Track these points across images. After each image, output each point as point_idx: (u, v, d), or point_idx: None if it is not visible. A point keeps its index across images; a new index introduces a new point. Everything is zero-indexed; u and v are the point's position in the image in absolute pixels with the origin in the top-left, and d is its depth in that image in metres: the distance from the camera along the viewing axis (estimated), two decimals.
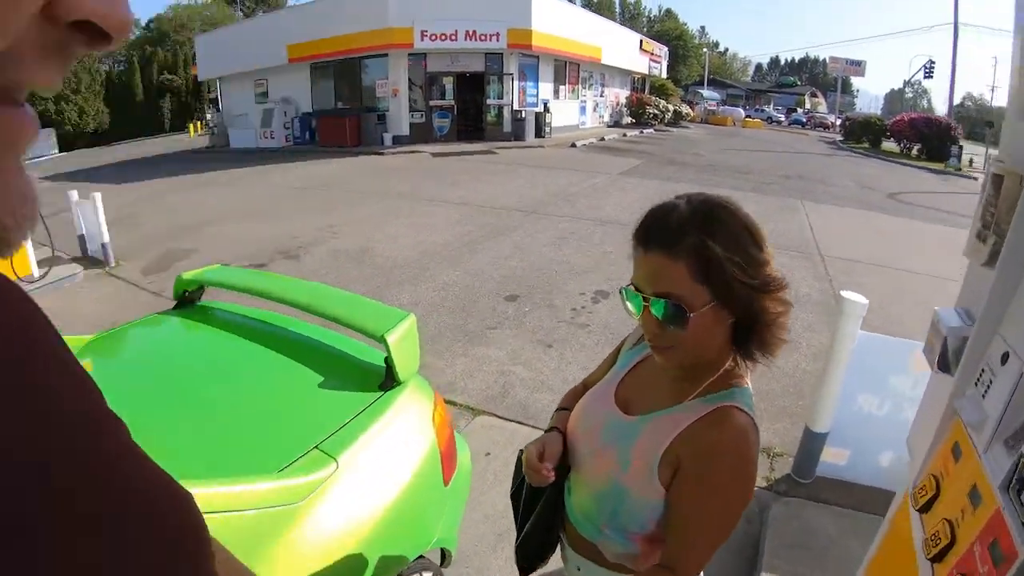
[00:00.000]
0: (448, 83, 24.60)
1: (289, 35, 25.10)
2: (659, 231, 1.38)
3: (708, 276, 1.33)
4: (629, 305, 1.46)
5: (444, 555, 2.76)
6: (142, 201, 13.76)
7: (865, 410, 4.00)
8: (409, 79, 23.97)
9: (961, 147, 29.58)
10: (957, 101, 53.15)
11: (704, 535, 1.43)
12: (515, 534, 1.86)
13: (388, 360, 2.47)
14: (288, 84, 26.46)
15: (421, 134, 23.94)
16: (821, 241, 11.06)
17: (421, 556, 2.45)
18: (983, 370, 2.10)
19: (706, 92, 64.62)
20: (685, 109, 43.52)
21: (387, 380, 2.49)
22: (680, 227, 1.34)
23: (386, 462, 2.27)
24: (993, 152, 2.13)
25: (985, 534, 1.80)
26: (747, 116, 56.38)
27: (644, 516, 1.51)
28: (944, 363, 2.29)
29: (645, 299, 1.40)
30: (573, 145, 24.49)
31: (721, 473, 1.40)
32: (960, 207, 15.42)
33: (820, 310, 7.53)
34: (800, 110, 75.15)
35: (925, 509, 2.21)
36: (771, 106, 79.42)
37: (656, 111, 38.25)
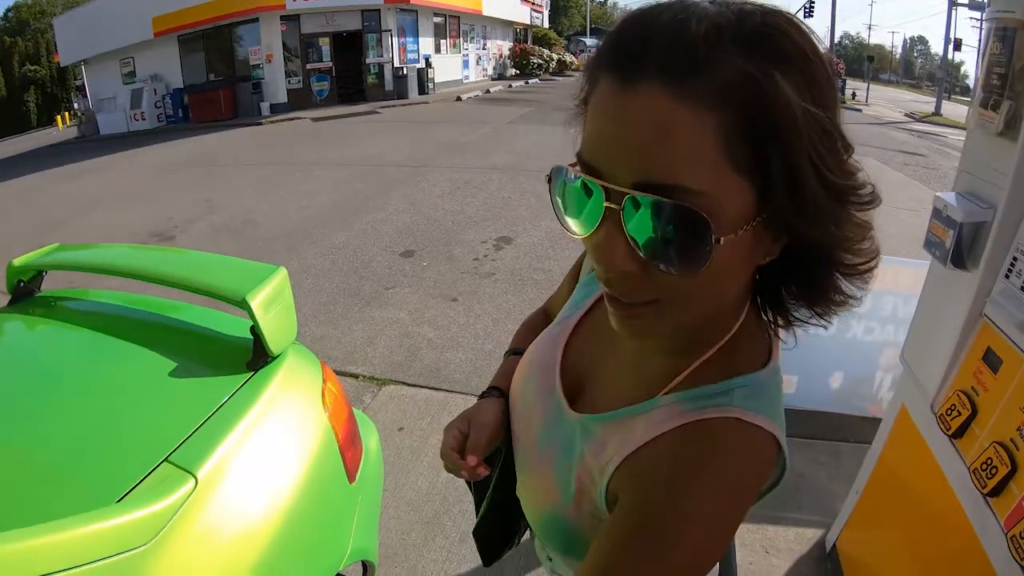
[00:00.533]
0: (325, 45, 24.02)
1: (153, 6, 23.72)
2: (668, 47, 0.63)
3: (759, 155, 0.63)
4: (569, 222, 0.75)
5: (366, 567, 2.31)
6: (3, 203, 12.78)
7: (810, 331, 3.68)
8: (284, 44, 23.29)
9: (845, 80, 30.72)
10: (836, 40, 55.62)
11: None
12: (451, 518, 1.42)
13: (255, 329, 1.95)
14: (156, 60, 25.27)
15: (300, 100, 23.33)
16: None
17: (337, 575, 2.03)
18: (1015, 259, 1.75)
19: (589, 40, 64.93)
20: (569, 58, 43.77)
21: (256, 356, 1.99)
22: (715, 40, 0.62)
23: (265, 468, 1.80)
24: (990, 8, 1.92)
25: None
26: None
27: None
28: (959, 256, 1.91)
29: (613, 199, 0.67)
30: (458, 99, 24.39)
31: (680, 539, 0.72)
32: (855, 135, 15.87)
33: None
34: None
35: (959, 434, 1.85)
36: None
37: (540, 61, 38.39)
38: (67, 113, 35.65)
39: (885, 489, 2.52)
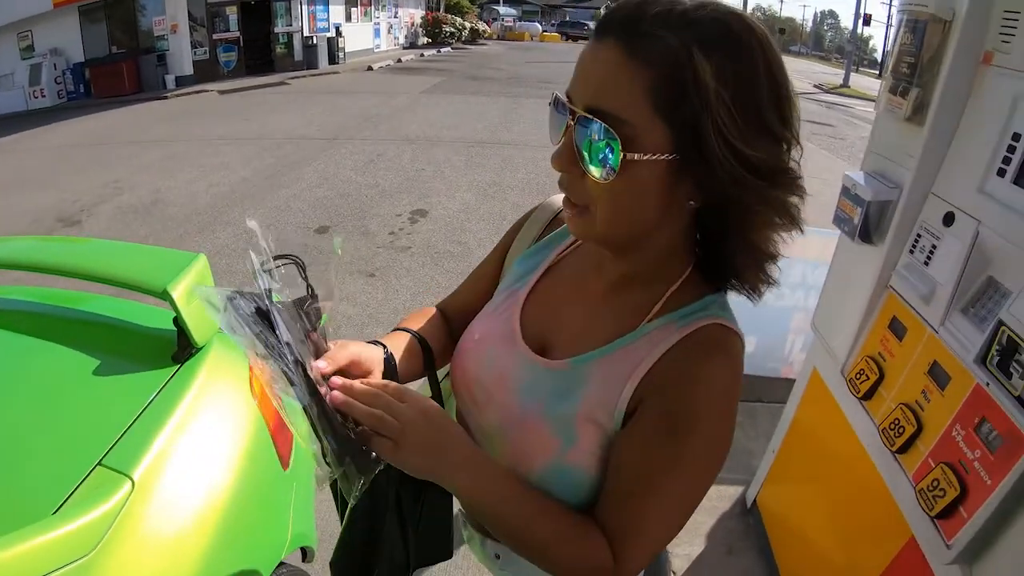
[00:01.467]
0: (232, 14, 22.96)
1: None
2: (626, 16, 0.85)
3: (676, 109, 0.83)
4: (552, 124, 0.97)
5: (305, 552, 2.28)
6: None
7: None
8: (189, 13, 22.08)
9: None
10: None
11: (668, 502, 0.96)
12: None
13: (179, 320, 1.86)
14: (56, 33, 23.58)
15: (206, 72, 22.22)
16: None
17: (281, 564, 1.99)
18: (919, 236, 1.89)
19: (502, 9, 64.23)
20: (482, 26, 43.51)
21: (181, 348, 1.91)
22: (662, 20, 0.83)
23: (200, 462, 1.74)
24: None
25: (965, 415, 1.58)
26: (544, 31, 56.74)
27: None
28: (867, 232, 2.05)
29: (572, 114, 0.89)
30: (370, 68, 23.90)
31: (704, 415, 0.93)
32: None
33: None
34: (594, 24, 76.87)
35: (868, 396, 2.00)
36: (567, 20, 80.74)
37: (453, 29, 37.84)
38: None
39: (800, 447, 2.65)
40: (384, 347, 1.13)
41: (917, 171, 1.89)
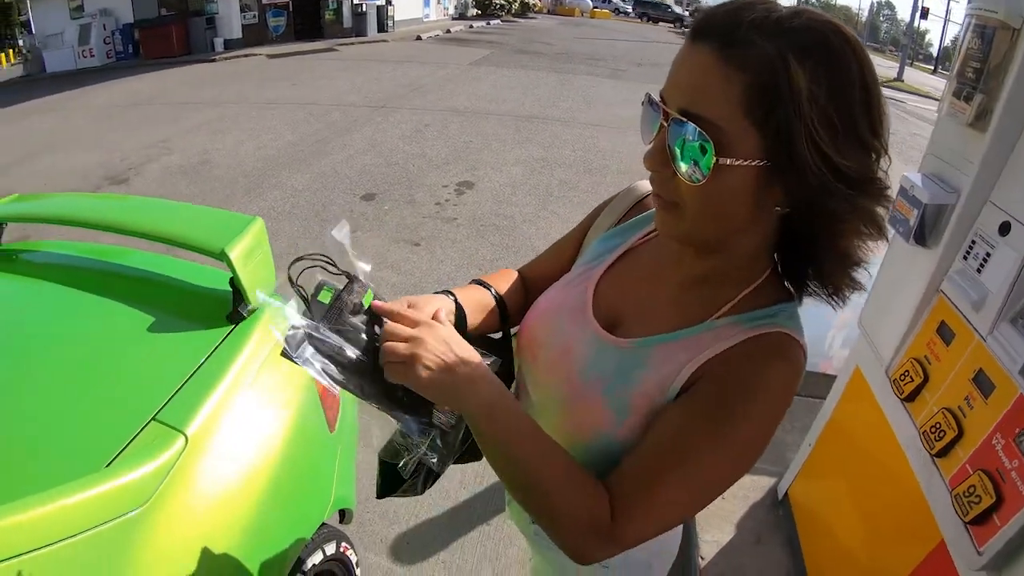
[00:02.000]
0: None
1: None
2: (723, 22, 0.86)
3: (768, 115, 0.83)
4: (644, 123, 0.97)
5: (343, 514, 2.30)
6: None
7: None
8: None
9: None
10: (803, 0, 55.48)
11: (687, 481, 0.95)
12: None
13: (235, 281, 1.91)
14: None
15: (255, 36, 22.36)
16: None
17: (322, 525, 2.02)
18: (973, 242, 1.85)
19: None
20: (532, 0, 42.84)
21: (236, 308, 1.94)
22: (758, 27, 0.84)
23: (252, 421, 1.76)
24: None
25: (1007, 424, 1.58)
26: (595, 7, 56.10)
27: None
28: (921, 234, 2.01)
29: (665, 115, 0.90)
30: (419, 38, 23.82)
31: (752, 411, 0.94)
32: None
33: None
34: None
35: (911, 398, 1.98)
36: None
37: (503, 2, 37.67)
38: (11, 51, 33.94)
39: (836, 443, 2.63)
40: (452, 295, 1.20)
41: (976, 178, 1.86)
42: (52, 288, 2.08)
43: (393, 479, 1.24)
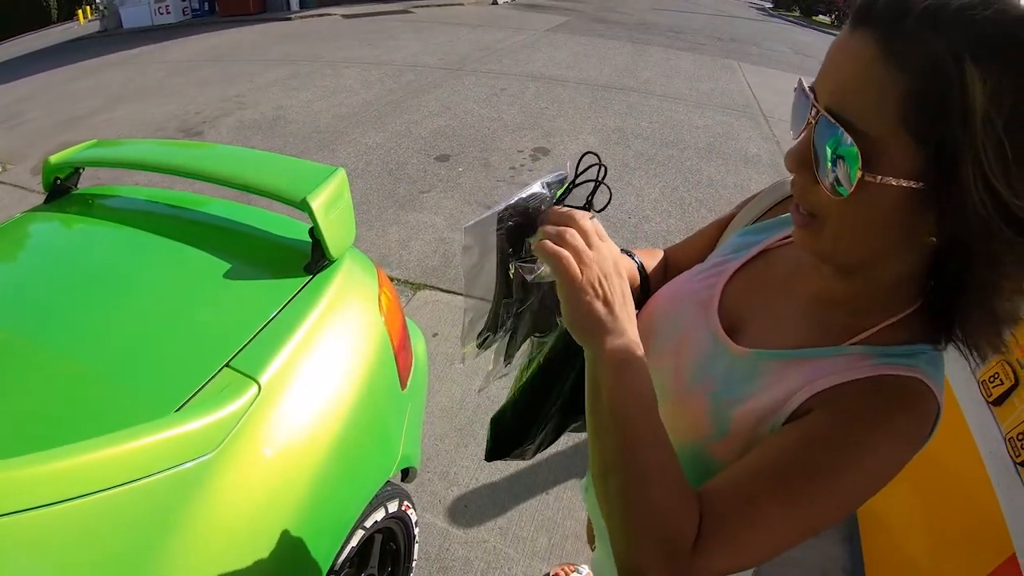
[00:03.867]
0: None
1: None
2: (891, 6, 0.71)
3: (931, 128, 0.69)
4: (794, 113, 0.86)
5: (406, 473, 2.31)
6: (25, 99, 12.16)
7: None
8: None
9: None
10: None
11: (787, 513, 0.81)
12: (483, 426, 1.33)
13: (315, 232, 1.89)
14: None
15: None
16: (763, 102, 10.66)
17: (386, 482, 2.03)
18: None
19: None
20: None
21: (314, 259, 1.93)
22: (932, 16, 0.68)
23: (325, 372, 1.75)
24: None
25: None
26: None
27: None
28: None
29: (813, 109, 0.78)
30: (495, 2, 23.53)
31: (870, 456, 0.81)
32: None
33: (772, 172, 7.17)
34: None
35: (999, 401, 1.93)
36: None
37: None
38: (88, 7, 34.64)
39: None
40: (634, 256, 1.22)
41: None
42: (129, 232, 2.09)
43: (504, 442, 1.27)
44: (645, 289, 1.24)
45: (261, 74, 11.33)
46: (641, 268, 1.22)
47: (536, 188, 0.95)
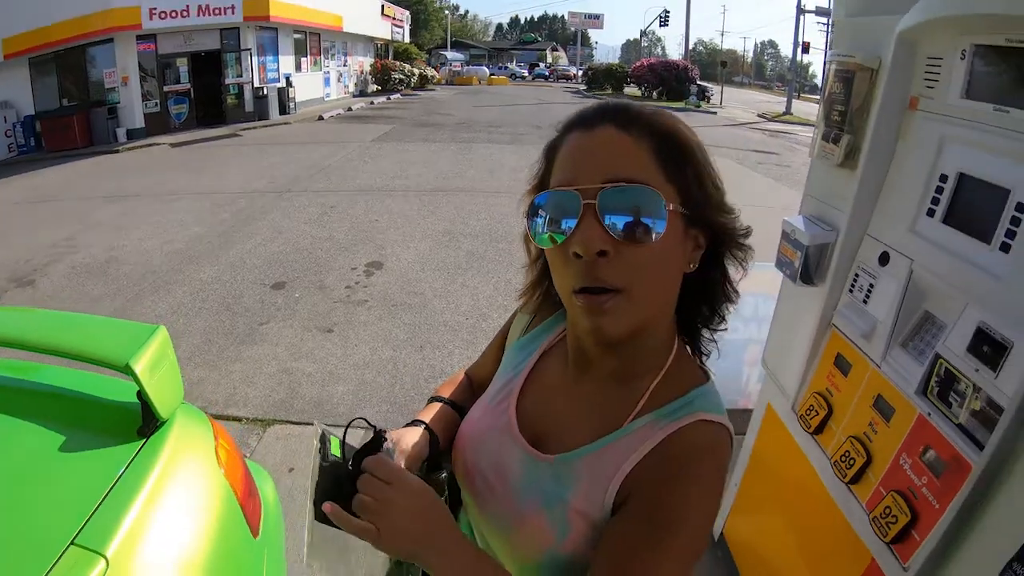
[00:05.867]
0: (183, 65, 22.81)
1: (2, 28, 21.49)
2: (614, 109, 0.99)
3: (678, 167, 0.95)
4: (538, 230, 0.98)
5: None
6: None
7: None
8: (140, 65, 21.87)
9: (700, 86, 32.42)
10: (690, 47, 57.80)
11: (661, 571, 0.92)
12: (356, 557, 1.16)
13: (142, 395, 1.84)
14: (7, 85, 22.92)
15: (158, 124, 21.99)
16: None
17: None
18: (857, 275, 1.98)
19: (450, 54, 64.84)
20: (431, 72, 43.99)
21: (146, 422, 1.88)
22: (640, 110, 0.99)
23: (172, 535, 1.69)
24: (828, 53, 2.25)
25: (911, 444, 1.67)
26: (492, 74, 57.71)
27: None
28: (807, 274, 2.13)
29: (589, 194, 0.91)
30: (320, 118, 23.95)
31: (688, 515, 0.92)
32: (712, 137, 16.69)
33: None
34: (542, 64, 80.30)
35: (819, 430, 2.07)
36: (514, 63, 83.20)
37: (402, 76, 38.01)
38: None
39: (761, 479, 2.71)
40: (425, 424, 1.25)
41: (852, 214, 1.98)
42: None
43: None
44: (437, 443, 1.26)
45: (91, 213, 10.95)
46: (429, 429, 1.25)
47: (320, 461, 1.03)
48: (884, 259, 1.87)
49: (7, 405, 1.97)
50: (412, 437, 1.20)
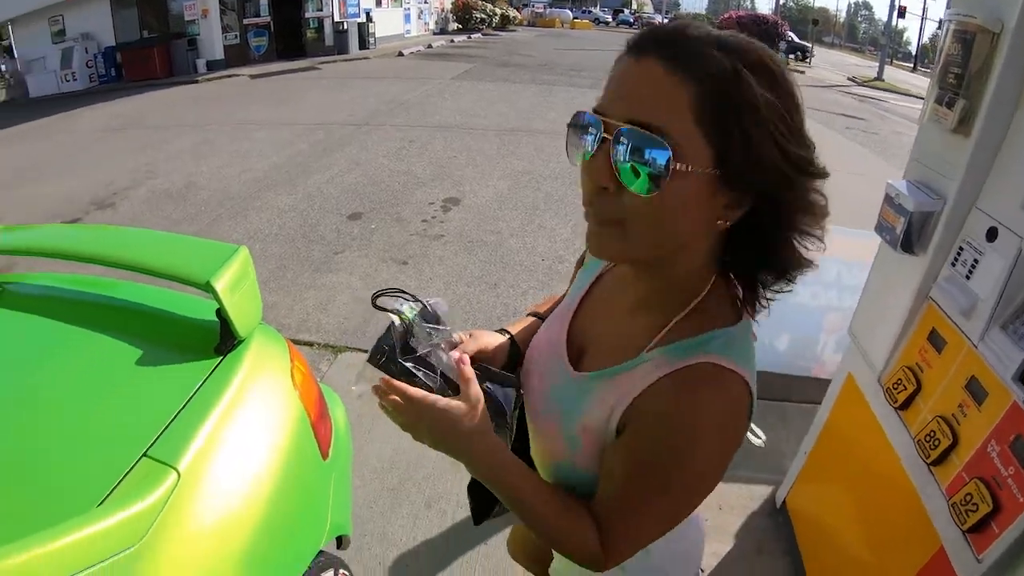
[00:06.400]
0: None
1: None
2: (667, 37, 0.88)
3: (720, 123, 0.85)
4: (573, 144, 0.96)
5: (340, 540, 2.28)
6: None
7: None
8: None
9: (793, 44, 31.42)
10: (781, 2, 56.04)
11: (646, 519, 1.01)
12: (414, 484, 1.42)
13: (221, 313, 1.86)
14: (87, 18, 23.55)
15: (237, 56, 22.22)
16: None
17: (319, 553, 1.99)
18: (961, 248, 1.87)
19: None
20: (513, 13, 43.57)
21: (223, 340, 1.90)
22: (702, 42, 0.86)
23: (244, 453, 1.73)
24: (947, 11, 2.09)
25: (1001, 431, 1.59)
26: (575, 18, 56.62)
27: None
28: (908, 242, 2.02)
29: (607, 128, 0.88)
30: (400, 54, 23.90)
31: (688, 449, 0.94)
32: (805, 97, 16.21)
33: None
34: (627, 11, 78.10)
35: (905, 406, 1.99)
36: (598, 7, 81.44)
37: (483, 15, 37.82)
38: None
39: (832, 450, 2.64)
40: (509, 334, 1.36)
41: (962, 184, 1.87)
42: (38, 322, 2.03)
43: (486, 502, 1.33)
44: (516, 352, 1.35)
45: (171, 141, 11.14)
46: (512, 340, 1.36)
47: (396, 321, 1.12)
48: (992, 234, 1.77)
49: (89, 320, 2.01)
50: (491, 339, 1.30)
